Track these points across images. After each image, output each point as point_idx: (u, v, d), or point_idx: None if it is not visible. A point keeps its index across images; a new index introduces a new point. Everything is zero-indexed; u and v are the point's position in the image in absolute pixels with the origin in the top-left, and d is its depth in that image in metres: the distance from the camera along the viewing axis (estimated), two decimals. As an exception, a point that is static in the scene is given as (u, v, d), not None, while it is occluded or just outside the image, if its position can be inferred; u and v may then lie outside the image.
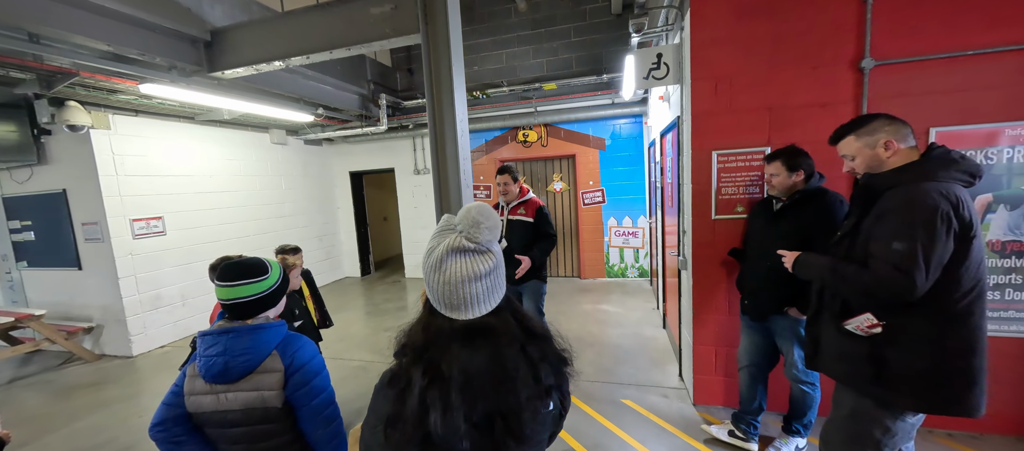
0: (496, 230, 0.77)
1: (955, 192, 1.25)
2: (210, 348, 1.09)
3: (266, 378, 1.10)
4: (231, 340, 1.09)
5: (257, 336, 1.11)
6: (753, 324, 2.13)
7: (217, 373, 1.08)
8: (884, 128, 1.38)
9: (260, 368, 1.10)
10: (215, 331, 1.11)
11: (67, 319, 4.26)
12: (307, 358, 1.16)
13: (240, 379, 1.09)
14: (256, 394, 1.09)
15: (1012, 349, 2.12)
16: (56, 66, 2.99)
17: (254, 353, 1.10)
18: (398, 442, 0.71)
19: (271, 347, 1.13)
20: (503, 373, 0.72)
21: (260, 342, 1.11)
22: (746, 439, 2.17)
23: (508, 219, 2.84)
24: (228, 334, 1.09)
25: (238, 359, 1.08)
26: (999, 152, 2.03)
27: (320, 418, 1.16)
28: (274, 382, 1.10)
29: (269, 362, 1.11)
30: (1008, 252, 2.08)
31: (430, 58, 2.82)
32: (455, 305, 0.74)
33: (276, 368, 1.11)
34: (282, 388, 1.10)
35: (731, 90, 2.30)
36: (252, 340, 1.10)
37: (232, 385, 1.09)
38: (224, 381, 1.09)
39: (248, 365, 1.09)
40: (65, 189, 4.02)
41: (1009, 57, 1.95)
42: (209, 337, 1.11)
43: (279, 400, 1.10)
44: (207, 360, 1.09)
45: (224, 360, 1.07)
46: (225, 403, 1.09)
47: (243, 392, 1.10)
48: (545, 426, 0.81)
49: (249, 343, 1.10)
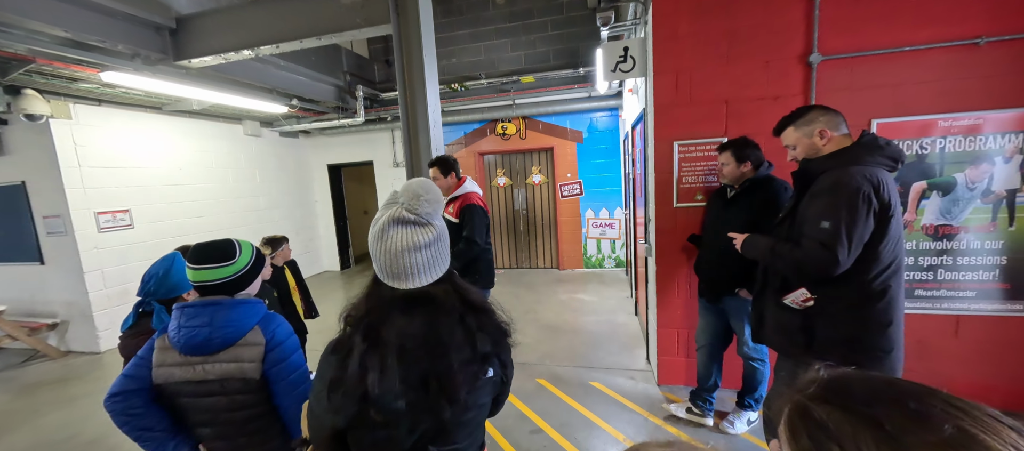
0: (438, 205, 0.81)
1: (878, 175, 1.36)
2: (193, 319, 1.11)
3: (246, 351, 1.13)
4: (216, 312, 1.11)
5: (242, 310, 1.14)
6: (709, 306, 2.25)
7: (198, 343, 1.10)
8: (819, 118, 1.49)
9: (241, 341, 1.13)
10: (199, 303, 1.13)
11: (30, 315, 4.13)
12: (285, 335, 1.20)
13: (220, 351, 1.12)
14: (235, 365, 1.12)
15: (943, 325, 2.29)
16: (11, 52, 2.88)
17: (237, 325, 1.13)
18: (340, 401, 0.76)
19: (253, 321, 1.16)
20: (436, 339, 0.77)
21: (244, 315, 1.14)
22: (702, 415, 2.30)
23: None
24: (214, 306, 1.12)
25: (222, 330, 1.11)
26: (933, 142, 2.18)
27: (296, 393, 1.19)
28: (255, 355, 1.13)
29: (251, 336, 1.14)
30: (940, 235, 2.25)
31: (402, 49, 2.84)
32: (396, 274, 0.78)
33: (258, 342, 1.14)
34: (261, 361, 1.13)
35: (691, 83, 2.40)
36: (237, 313, 1.13)
37: (210, 356, 1.12)
38: (203, 352, 1.11)
39: (230, 337, 1.12)
40: (24, 181, 3.88)
41: (939, 53, 2.10)
42: (191, 308, 1.12)
43: (257, 372, 1.13)
44: (189, 331, 1.10)
45: (209, 331, 1.10)
46: (201, 373, 1.12)
47: (221, 363, 1.12)
48: (485, 391, 0.86)
49: (234, 315, 1.13)
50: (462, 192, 2.53)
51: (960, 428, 0.32)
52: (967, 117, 2.12)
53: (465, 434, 0.85)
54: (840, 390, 0.39)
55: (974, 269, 2.22)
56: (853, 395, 0.38)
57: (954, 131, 2.15)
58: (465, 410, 0.82)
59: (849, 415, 0.36)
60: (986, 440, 0.32)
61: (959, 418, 0.33)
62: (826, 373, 0.42)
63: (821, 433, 0.37)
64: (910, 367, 1.86)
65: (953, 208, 2.21)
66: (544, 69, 5.46)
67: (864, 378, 0.40)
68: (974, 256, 2.21)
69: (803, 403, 0.40)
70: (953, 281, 2.26)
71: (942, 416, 0.34)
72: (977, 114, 2.11)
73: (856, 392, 0.38)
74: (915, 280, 2.29)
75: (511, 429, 2.41)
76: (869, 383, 0.39)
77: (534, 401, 2.68)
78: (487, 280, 2.58)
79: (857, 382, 0.40)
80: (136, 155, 4.38)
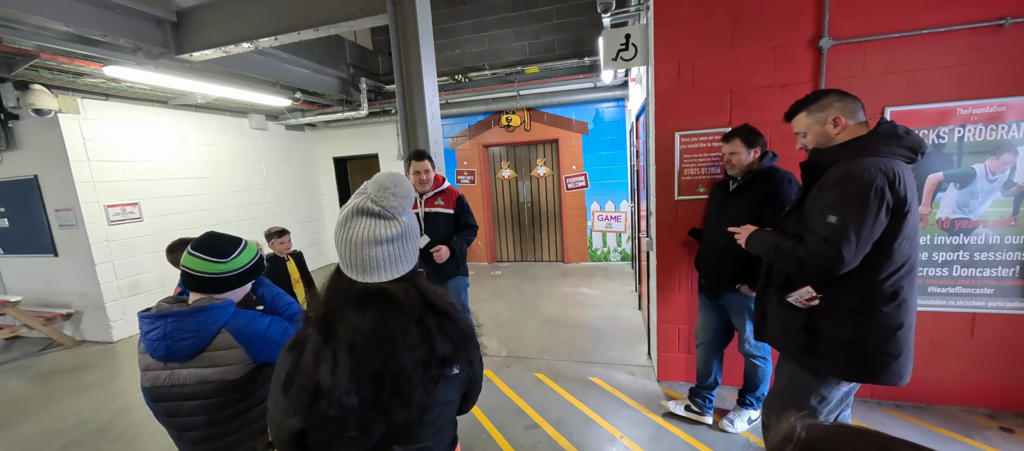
0: (407, 200, 0.78)
1: (894, 167, 1.25)
2: (150, 333, 1.08)
3: (221, 355, 1.10)
4: (171, 324, 1.06)
5: (199, 318, 1.08)
6: (709, 302, 2.19)
7: (162, 355, 1.07)
8: (834, 104, 1.39)
9: (213, 346, 1.10)
10: (152, 315, 1.09)
11: (45, 305, 4.26)
12: (264, 325, 1.17)
13: (189, 358, 1.09)
14: (212, 370, 1.10)
15: (958, 324, 2.19)
16: (16, 48, 2.92)
17: (198, 335, 1.08)
18: (294, 398, 0.73)
19: (218, 326, 1.11)
20: (387, 336, 0.73)
21: (204, 324, 1.09)
22: (701, 413, 2.25)
23: (425, 212, 2.50)
24: (167, 319, 1.07)
25: (181, 343, 1.07)
26: (950, 131, 2.07)
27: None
28: (234, 358, 1.10)
29: (222, 339, 1.10)
30: (957, 230, 2.14)
31: (399, 39, 2.80)
32: (356, 266, 0.75)
33: (231, 345, 1.11)
34: (247, 361, 1.12)
35: (693, 71, 2.31)
36: (195, 322, 1.08)
37: (184, 362, 1.09)
38: (173, 360, 1.09)
39: (194, 347, 1.08)
40: (36, 175, 3.97)
41: (959, 36, 1.97)
42: (147, 320, 1.09)
43: (239, 372, 1.11)
44: (149, 343, 1.08)
45: (166, 344, 1.06)
46: (179, 378, 1.10)
47: (195, 368, 1.10)
48: (450, 390, 0.83)
49: (192, 325, 1.08)
50: (447, 185, 2.62)
51: None
52: (989, 104, 2.00)
53: (431, 433, 0.83)
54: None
55: (992, 265, 2.11)
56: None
57: (974, 119, 2.03)
58: (424, 410, 0.79)
59: None
60: None
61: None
62: (804, 432, 0.38)
63: None
64: (920, 367, 1.78)
65: (971, 201, 2.10)
66: (549, 59, 5.36)
67: (845, 436, 0.36)
68: (993, 252, 2.10)
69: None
70: (970, 278, 2.15)
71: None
72: (1000, 101, 1.98)
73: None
74: (929, 277, 2.18)
75: (507, 424, 2.40)
76: (850, 442, 0.35)
77: (531, 396, 2.66)
78: (465, 268, 2.69)
79: (839, 441, 0.35)
80: (144, 149, 4.44)
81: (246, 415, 1.18)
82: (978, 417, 2.19)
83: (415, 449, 0.81)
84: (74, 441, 2.55)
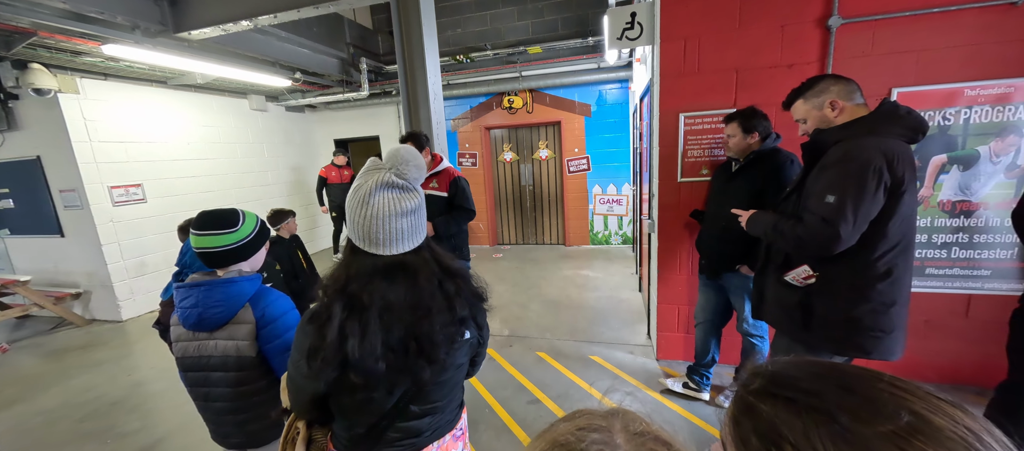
0: (422, 171, 0.82)
1: (893, 148, 1.27)
2: (184, 300, 1.14)
3: (239, 329, 1.15)
4: (203, 293, 1.13)
5: (228, 289, 1.14)
6: (709, 282, 2.22)
7: (194, 323, 1.14)
8: (831, 88, 1.40)
9: (234, 319, 1.15)
10: (188, 284, 1.16)
11: (54, 285, 4.33)
12: (279, 312, 1.20)
13: (217, 329, 1.15)
14: (232, 343, 1.15)
15: (954, 305, 2.22)
16: (13, 25, 2.88)
17: (227, 305, 1.14)
18: (318, 368, 0.77)
19: (244, 299, 1.16)
20: (419, 302, 0.78)
21: (232, 295, 1.14)
22: (698, 390, 2.31)
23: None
24: (200, 287, 1.13)
25: (211, 311, 1.13)
26: (957, 113, 2.05)
27: None
28: (246, 333, 1.15)
29: (243, 314, 1.16)
30: (957, 212, 2.15)
31: (400, 17, 2.75)
32: (378, 240, 0.78)
33: (248, 320, 1.16)
34: (255, 339, 1.15)
35: (700, 50, 2.28)
36: (224, 293, 1.14)
37: (211, 333, 1.16)
38: (202, 330, 1.15)
39: (222, 316, 1.14)
40: (39, 156, 3.97)
41: (971, 14, 1.94)
42: (182, 289, 1.16)
43: (252, 350, 1.15)
44: (183, 311, 1.15)
45: (198, 312, 1.12)
46: (205, 350, 1.16)
47: (221, 340, 1.16)
48: (462, 352, 0.89)
49: (222, 295, 1.13)
50: (444, 167, 2.53)
51: (914, 412, 0.30)
52: (997, 85, 1.98)
53: (444, 393, 0.89)
54: (786, 383, 0.36)
55: (991, 247, 2.13)
56: (799, 388, 0.35)
57: (981, 100, 2.02)
58: (443, 370, 0.85)
59: (798, 410, 0.33)
60: (940, 423, 0.30)
61: (910, 402, 0.31)
62: (770, 365, 0.39)
63: (771, 433, 0.33)
64: (913, 346, 1.82)
65: (973, 183, 2.10)
66: (552, 39, 5.27)
67: (809, 366, 0.37)
68: (993, 234, 2.11)
69: (748, 400, 0.37)
70: (968, 259, 2.17)
71: (893, 401, 0.32)
72: (1008, 82, 1.96)
73: (802, 384, 0.35)
74: (927, 258, 2.21)
75: (509, 399, 2.47)
76: (814, 370, 0.37)
77: (533, 373, 2.73)
78: (466, 254, 2.65)
79: (803, 371, 0.37)
80: (145, 130, 4.43)
81: (266, 393, 1.22)
82: (967, 395, 2.24)
83: (430, 407, 0.86)
84: (92, 413, 2.64)
